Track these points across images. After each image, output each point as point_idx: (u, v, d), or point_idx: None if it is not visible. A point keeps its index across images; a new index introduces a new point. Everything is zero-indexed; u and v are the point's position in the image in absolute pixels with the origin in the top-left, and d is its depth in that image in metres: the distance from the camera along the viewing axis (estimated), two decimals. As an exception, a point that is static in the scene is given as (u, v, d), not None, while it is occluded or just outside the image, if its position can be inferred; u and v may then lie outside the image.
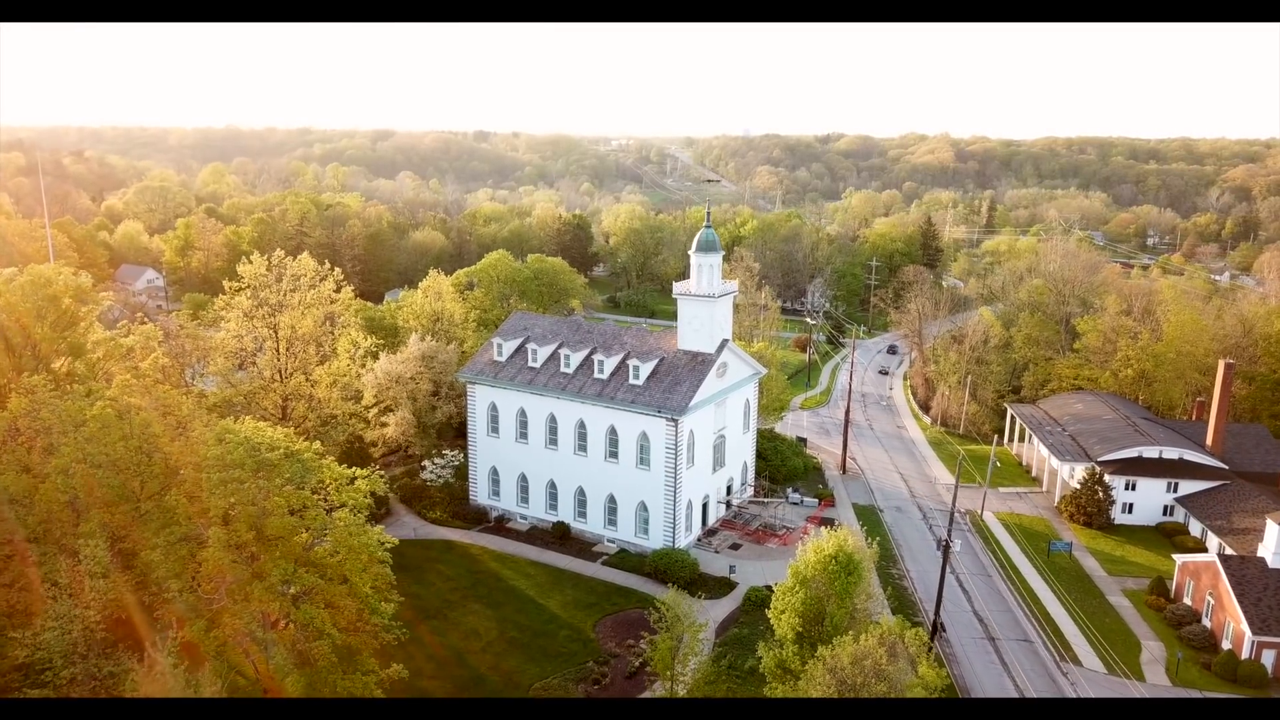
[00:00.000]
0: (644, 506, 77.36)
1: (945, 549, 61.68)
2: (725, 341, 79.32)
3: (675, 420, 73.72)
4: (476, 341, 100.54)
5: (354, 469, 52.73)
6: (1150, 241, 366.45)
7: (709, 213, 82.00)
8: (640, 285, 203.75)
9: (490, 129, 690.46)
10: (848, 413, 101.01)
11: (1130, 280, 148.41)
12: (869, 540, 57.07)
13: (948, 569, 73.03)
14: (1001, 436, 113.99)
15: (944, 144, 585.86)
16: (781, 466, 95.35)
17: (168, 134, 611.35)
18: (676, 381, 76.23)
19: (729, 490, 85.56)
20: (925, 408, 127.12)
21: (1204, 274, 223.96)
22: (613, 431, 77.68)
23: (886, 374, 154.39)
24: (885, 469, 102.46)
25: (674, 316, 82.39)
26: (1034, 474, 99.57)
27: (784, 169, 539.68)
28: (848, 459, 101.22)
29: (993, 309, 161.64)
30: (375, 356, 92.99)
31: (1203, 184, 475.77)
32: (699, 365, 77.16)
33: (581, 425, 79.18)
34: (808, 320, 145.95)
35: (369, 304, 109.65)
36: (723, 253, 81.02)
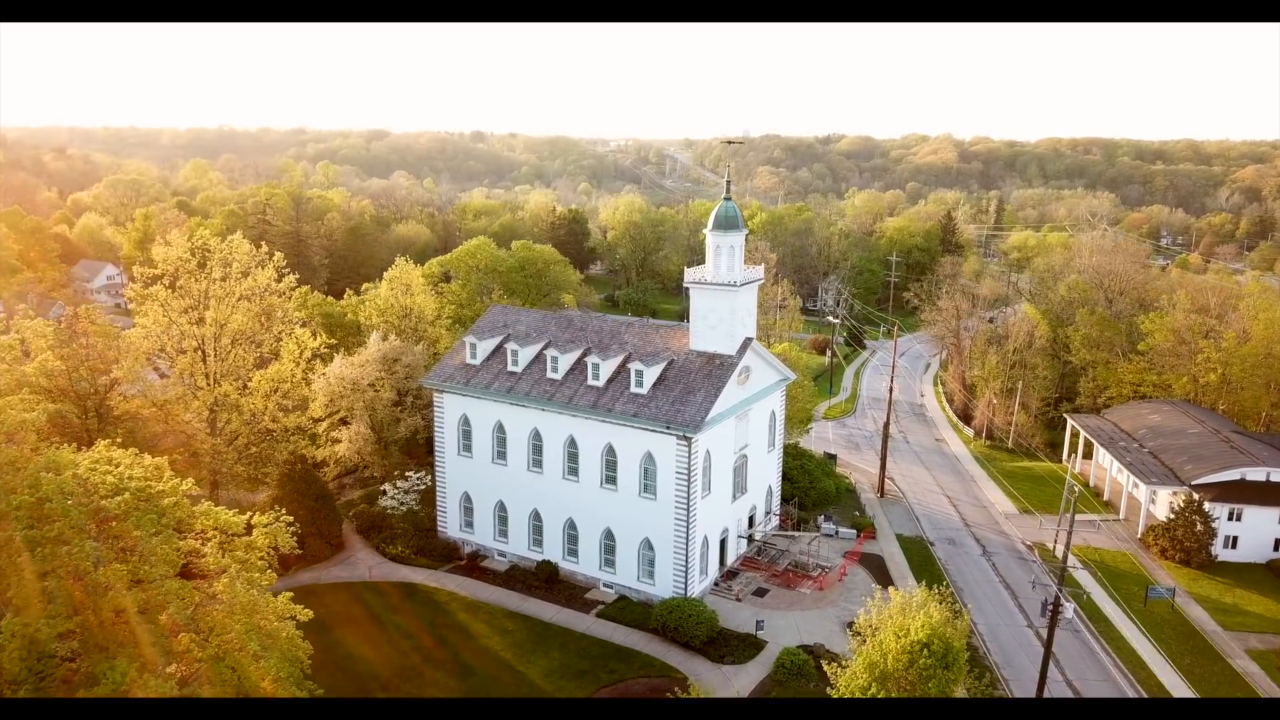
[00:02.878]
0: (649, 545, 62.61)
1: (1053, 613, 46.81)
2: (749, 341, 64.63)
3: (689, 438, 59.03)
4: (451, 342, 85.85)
5: (251, 513, 37.98)
6: (1164, 242, 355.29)
7: (729, 182, 67.13)
8: (640, 283, 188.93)
9: (487, 130, 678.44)
10: (886, 426, 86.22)
11: (1187, 275, 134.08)
12: (952, 606, 42.09)
13: (1017, 619, 58.65)
14: (1058, 452, 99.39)
15: (947, 144, 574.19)
16: (810, 489, 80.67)
17: (160, 134, 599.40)
18: (689, 390, 61.54)
19: (751, 521, 70.85)
20: (964, 417, 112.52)
21: (1226, 273, 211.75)
22: (610, 451, 62.97)
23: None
24: (929, 491, 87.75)
25: (677, 317, 68.71)
26: (1106, 498, 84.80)
27: (785, 169, 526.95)
28: (885, 479, 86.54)
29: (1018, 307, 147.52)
30: (328, 359, 78.33)
31: (1211, 184, 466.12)
32: (717, 370, 62.47)
33: (572, 443, 64.49)
34: (830, 319, 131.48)
35: (329, 298, 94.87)
36: (746, 231, 66.35)
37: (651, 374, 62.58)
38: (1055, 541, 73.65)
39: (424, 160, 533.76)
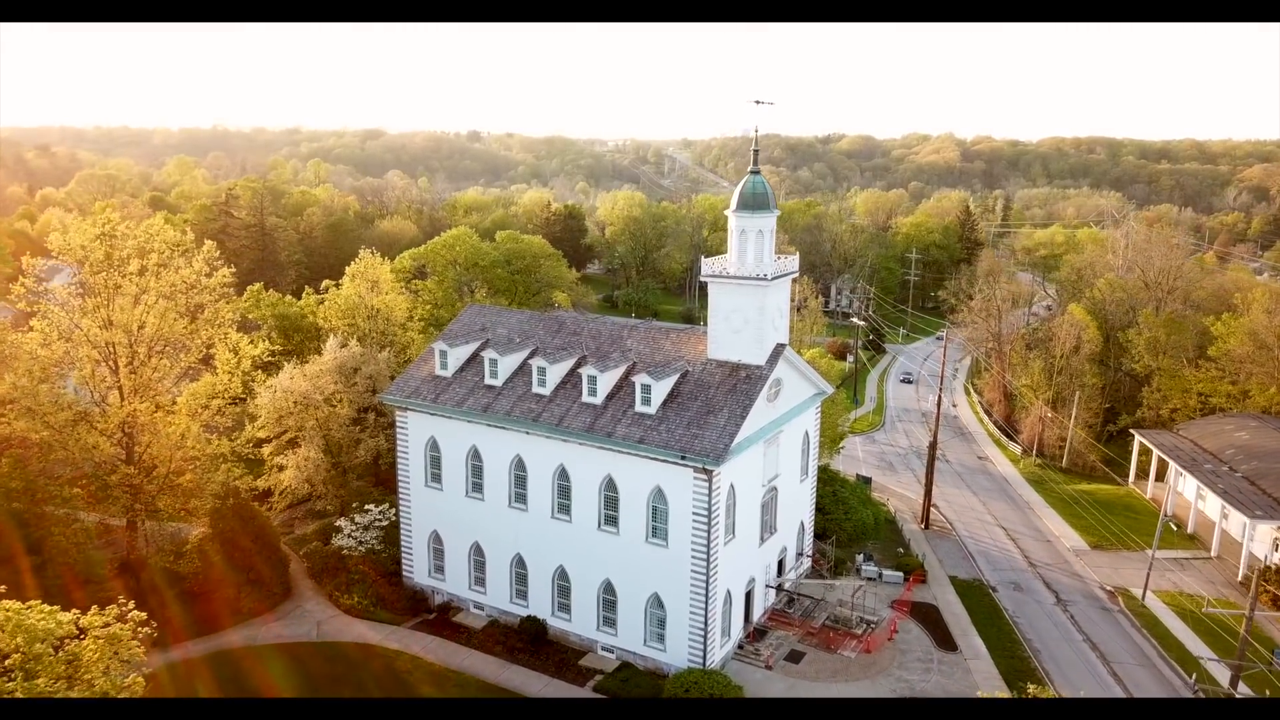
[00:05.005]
0: (658, 602, 50.45)
1: None
2: (780, 348, 52.56)
3: (709, 471, 46.94)
4: (425, 348, 73.67)
5: (78, 613, 25.76)
6: (1175, 241, 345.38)
7: (755, 151, 54.85)
8: (641, 282, 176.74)
9: (484, 130, 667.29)
10: (933, 447, 73.99)
11: (1240, 274, 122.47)
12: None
13: (1114, 690, 46.09)
14: (1116, 472, 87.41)
15: (949, 144, 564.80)
16: (845, 521, 68.41)
17: (152, 134, 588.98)
18: (708, 409, 49.43)
19: (780, 567, 58.69)
20: (1006, 430, 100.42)
21: (1248, 272, 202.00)
22: (610, 485, 50.85)
23: (910, 383, 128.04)
24: (980, 521, 75.66)
25: (681, 319, 57.09)
26: (1190, 530, 72.67)
27: (785, 169, 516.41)
28: (930, 506, 74.41)
29: (1047, 308, 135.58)
30: (279, 367, 66.26)
31: (1217, 184, 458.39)
32: (743, 384, 50.37)
33: (563, 474, 52.38)
34: (854, 320, 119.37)
35: (287, 298, 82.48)
36: (778, 212, 54.24)
37: (661, 389, 50.50)
38: (1146, 587, 61.40)
39: (419, 160, 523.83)
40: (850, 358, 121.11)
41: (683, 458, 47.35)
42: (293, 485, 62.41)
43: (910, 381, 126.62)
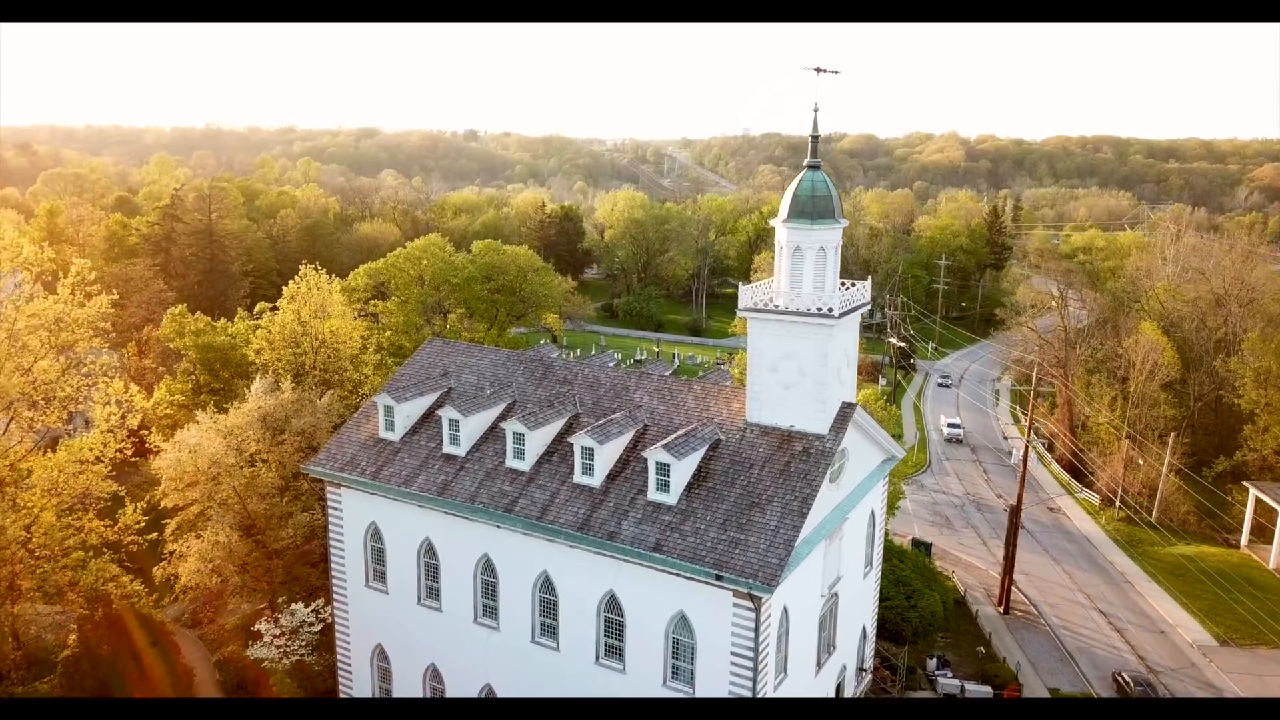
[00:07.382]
0: (681, 770, 35.96)
1: None
2: (850, 409, 38.10)
3: (759, 597, 32.56)
4: (383, 387, 59.18)
5: None
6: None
7: (814, 138, 40.07)
8: (643, 290, 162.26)
9: (481, 129, 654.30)
10: (1016, 513, 59.31)
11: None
12: None
13: None
14: (1220, 526, 73.17)
15: (953, 143, 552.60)
16: (909, 610, 54.14)
17: (143, 134, 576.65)
18: (753, 500, 35.01)
19: (837, 692, 44.26)
20: (1074, 472, 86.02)
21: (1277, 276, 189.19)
22: (613, 604, 36.42)
23: (949, 387, 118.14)
24: (1070, 602, 61.14)
25: (685, 330, 44.36)
26: (1339, 616, 58.22)
27: (787, 168, 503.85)
28: (1009, 585, 59.90)
29: (1070, 320, 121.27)
30: (194, 411, 51.86)
31: (1227, 183, 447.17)
32: (799, 463, 35.91)
33: (547, 583, 37.95)
34: (893, 341, 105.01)
35: (220, 323, 67.49)
36: (845, 223, 39.74)
37: (684, 469, 36.09)
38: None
39: (414, 159, 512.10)
40: (883, 380, 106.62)
41: (719, 577, 32.94)
42: (196, 581, 47.87)
43: (948, 385, 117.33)
